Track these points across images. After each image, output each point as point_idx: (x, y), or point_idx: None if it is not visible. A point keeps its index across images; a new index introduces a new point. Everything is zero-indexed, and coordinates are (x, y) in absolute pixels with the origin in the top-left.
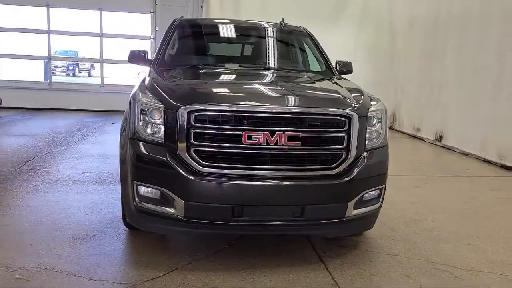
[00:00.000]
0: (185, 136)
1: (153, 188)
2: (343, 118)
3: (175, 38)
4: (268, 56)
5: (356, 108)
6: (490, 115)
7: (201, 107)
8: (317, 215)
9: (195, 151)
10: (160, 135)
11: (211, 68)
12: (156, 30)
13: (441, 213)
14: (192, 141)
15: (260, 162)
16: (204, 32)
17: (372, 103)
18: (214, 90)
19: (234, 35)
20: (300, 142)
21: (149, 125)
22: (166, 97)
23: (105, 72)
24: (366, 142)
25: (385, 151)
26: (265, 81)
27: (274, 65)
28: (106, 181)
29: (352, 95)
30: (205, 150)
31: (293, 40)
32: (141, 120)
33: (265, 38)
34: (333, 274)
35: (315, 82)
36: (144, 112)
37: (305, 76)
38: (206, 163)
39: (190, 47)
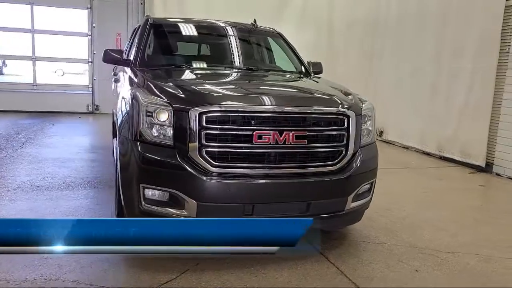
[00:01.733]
0: (196, 137)
1: (163, 190)
2: (343, 117)
3: (151, 38)
4: (252, 57)
5: (352, 107)
6: (429, 112)
7: (213, 108)
8: (321, 210)
9: (206, 151)
10: (168, 136)
11: (201, 69)
12: (94, 27)
13: (407, 202)
14: (203, 142)
15: (270, 160)
16: (182, 32)
17: (364, 102)
18: (224, 91)
19: (212, 35)
20: (306, 140)
21: (156, 127)
22: (175, 98)
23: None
24: (360, 139)
25: (375, 147)
26: (264, 82)
27: (257, 65)
28: (72, 187)
29: (347, 95)
30: (216, 151)
31: (269, 41)
32: (146, 121)
33: (244, 38)
34: (336, 264)
35: (309, 82)
36: (149, 113)
37: (292, 76)
38: (218, 163)
39: (171, 47)
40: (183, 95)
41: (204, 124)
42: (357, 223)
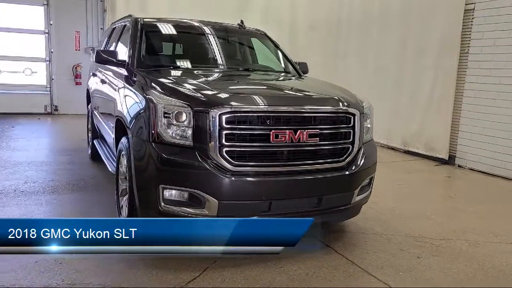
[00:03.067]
0: (216, 137)
1: (183, 190)
2: (349, 115)
3: (144, 38)
4: (247, 57)
5: (356, 105)
6: (394, 109)
7: (233, 109)
8: (331, 204)
9: (226, 151)
10: (187, 137)
11: (203, 69)
12: (51, 24)
13: (390, 195)
14: (223, 141)
15: (285, 158)
16: (176, 33)
17: (363, 101)
18: (241, 92)
19: (205, 35)
20: (318, 138)
21: (174, 128)
22: (194, 100)
23: None
24: (363, 136)
25: (374, 143)
26: (273, 83)
27: (253, 66)
28: (58, 191)
29: (350, 95)
30: (235, 150)
31: (259, 42)
32: (164, 123)
33: (234, 40)
34: (344, 255)
35: (310, 82)
36: (167, 114)
37: (290, 76)
38: (237, 162)
39: (166, 47)
40: (202, 97)
41: (224, 124)
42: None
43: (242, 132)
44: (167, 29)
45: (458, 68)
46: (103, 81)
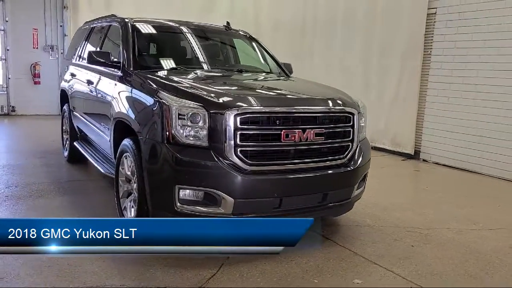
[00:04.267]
0: (232, 138)
1: (199, 190)
2: (349, 115)
3: (137, 39)
4: (238, 59)
5: (354, 105)
6: None
7: (247, 110)
8: (334, 199)
9: (240, 151)
10: (202, 138)
11: (206, 70)
12: (7, 21)
13: (369, 189)
14: (238, 141)
15: (294, 156)
16: (168, 34)
17: (358, 101)
18: (253, 94)
19: (197, 36)
20: (323, 137)
21: (188, 129)
22: (209, 101)
23: None
24: (360, 134)
25: (368, 141)
26: (278, 84)
27: (247, 66)
28: (46, 195)
29: (347, 95)
30: (249, 150)
31: (246, 43)
32: (178, 124)
33: (223, 41)
34: (346, 246)
35: (309, 83)
36: (182, 116)
37: (286, 77)
38: (251, 162)
39: (160, 49)
40: (217, 99)
41: (238, 125)
42: None
43: (256, 132)
44: (159, 30)
45: (421, 69)
46: (89, 82)
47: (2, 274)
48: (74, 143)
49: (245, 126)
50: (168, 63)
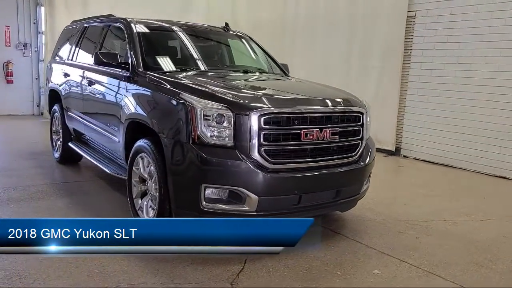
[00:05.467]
0: (256, 137)
1: (225, 188)
2: (359, 114)
3: (142, 40)
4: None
5: (363, 105)
6: None
7: (271, 110)
8: (346, 194)
9: (264, 150)
10: (228, 138)
11: (212, 71)
12: None
13: None
14: (261, 141)
15: (313, 155)
16: (171, 35)
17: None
18: (274, 95)
19: (199, 37)
20: (338, 136)
21: (214, 129)
22: (234, 102)
23: None
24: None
25: (372, 139)
26: (292, 85)
27: (250, 67)
28: (46, 196)
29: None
30: (272, 149)
31: (246, 44)
32: (204, 125)
33: (222, 42)
34: (356, 240)
35: (316, 84)
36: (207, 117)
37: (293, 78)
38: (273, 160)
39: (167, 49)
40: (242, 100)
41: (262, 125)
42: None
43: (278, 132)
44: (163, 31)
45: (402, 69)
46: (90, 82)
47: (31, 277)
48: (69, 144)
49: (268, 126)
50: (176, 64)
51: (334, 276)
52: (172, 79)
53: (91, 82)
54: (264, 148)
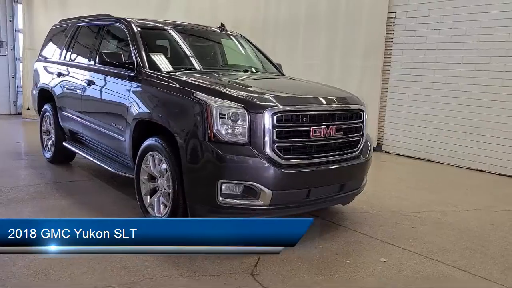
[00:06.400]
0: (270, 135)
1: (240, 184)
2: (360, 112)
3: (145, 40)
4: (244, 58)
5: (363, 103)
6: None
7: (284, 109)
8: (349, 188)
9: (277, 146)
10: (243, 135)
11: (218, 71)
12: None
13: None
14: (275, 138)
15: (321, 151)
16: (171, 35)
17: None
18: (285, 94)
19: (201, 38)
20: (342, 133)
21: (229, 127)
22: (249, 101)
23: None
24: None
25: (369, 136)
26: (299, 84)
27: (252, 67)
28: (47, 196)
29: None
30: (284, 145)
31: (243, 44)
32: (220, 123)
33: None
34: (357, 230)
35: (318, 83)
36: (223, 115)
37: (291, 77)
38: (285, 156)
39: (170, 50)
40: (256, 99)
41: (275, 123)
42: None
43: (290, 129)
44: (163, 31)
45: (383, 68)
46: (90, 82)
47: (56, 274)
48: (64, 144)
49: (281, 124)
50: (180, 64)
51: (345, 264)
52: (182, 79)
53: (91, 82)
54: (276, 144)
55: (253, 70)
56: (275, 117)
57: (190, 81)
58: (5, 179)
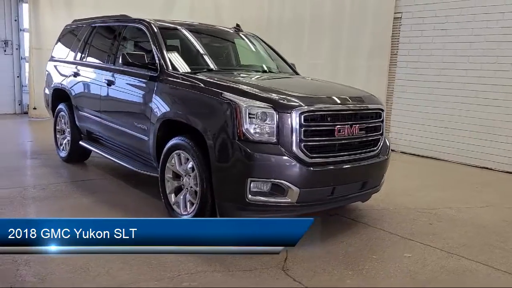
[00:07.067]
0: (297, 134)
1: (268, 182)
2: (380, 111)
3: (166, 41)
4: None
5: (381, 102)
6: None
7: (311, 108)
8: (370, 186)
9: (304, 145)
10: (271, 134)
11: (239, 71)
12: None
13: None
14: (302, 137)
15: (344, 149)
16: (191, 35)
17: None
18: (310, 94)
19: (219, 39)
20: (364, 131)
21: (258, 127)
22: (277, 101)
23: None
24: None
25: (387, 135)
26: (318, 84)
27: (268, 67)
28: (71, 196)
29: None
30: (310, 144)
31: (259, 45)
32: (249, 123)
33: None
34: (377, 227)
35: (336, 83)
36: (252, 115)
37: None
38: (312, 155)
39: (191, 50)
40: (284, 100)
41: (302, 122)
42: None
43: (316, 128)
44: (183, 32)
45: (389, 67)
46: (110, 83)
47: (93, 270)
48: (81, 143)
49: (308, 123)
50: (202, 64)
51: (372, 260)
52: (208, 79)
53: (110, 82)
54: (303, 143)
55: (270, 70)
56: (302, 116)
57: (216, 81)
58: (25, 177)
